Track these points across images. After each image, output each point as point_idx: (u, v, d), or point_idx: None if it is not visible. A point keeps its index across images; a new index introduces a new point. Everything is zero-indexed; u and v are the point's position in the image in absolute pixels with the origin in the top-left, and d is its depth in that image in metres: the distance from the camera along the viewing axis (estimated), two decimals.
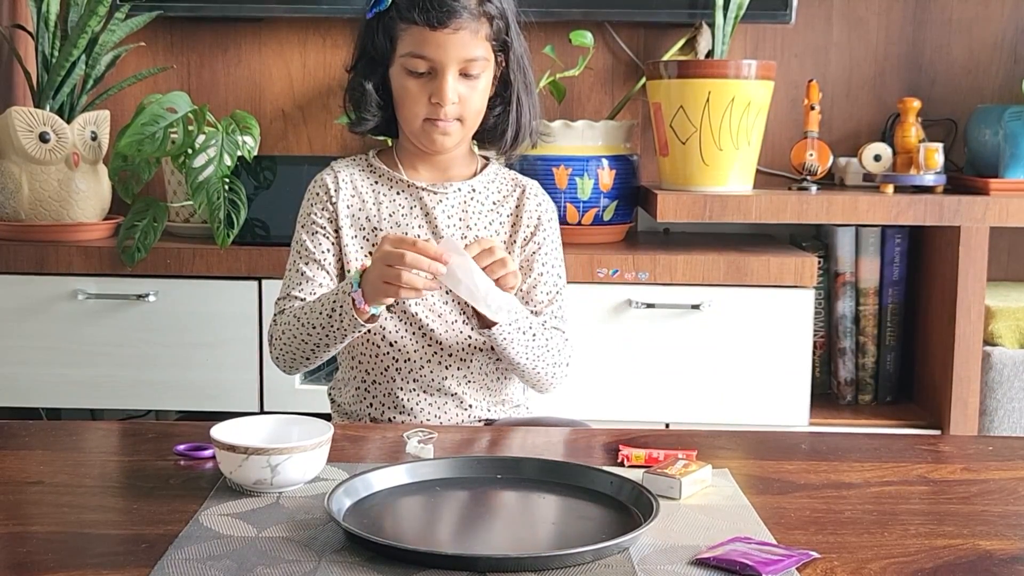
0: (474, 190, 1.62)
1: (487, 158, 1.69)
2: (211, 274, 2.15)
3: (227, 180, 2.11)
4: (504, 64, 1.58)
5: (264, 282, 2.15)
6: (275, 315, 1.59)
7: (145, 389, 2.18)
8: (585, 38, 2.34)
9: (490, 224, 1.60)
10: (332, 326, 1.47)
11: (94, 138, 2.27)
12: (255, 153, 2.26)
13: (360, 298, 1.42)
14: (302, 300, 1.56)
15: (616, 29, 2.55)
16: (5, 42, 2.44)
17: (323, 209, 1.59)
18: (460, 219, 1.59)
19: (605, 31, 2.54)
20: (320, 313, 1.48)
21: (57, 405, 2.22)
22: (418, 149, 1.60)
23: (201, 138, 2.12)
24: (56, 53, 2.23)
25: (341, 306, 1.45)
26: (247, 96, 2.60)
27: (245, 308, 2.15)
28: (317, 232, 1.59)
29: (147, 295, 2.14)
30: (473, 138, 1.64)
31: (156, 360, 2.17)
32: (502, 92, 1.60)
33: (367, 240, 1.59)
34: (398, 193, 1.60)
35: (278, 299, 1.60)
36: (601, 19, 2.49)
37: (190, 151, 2.11)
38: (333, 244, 1.59)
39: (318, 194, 1.61)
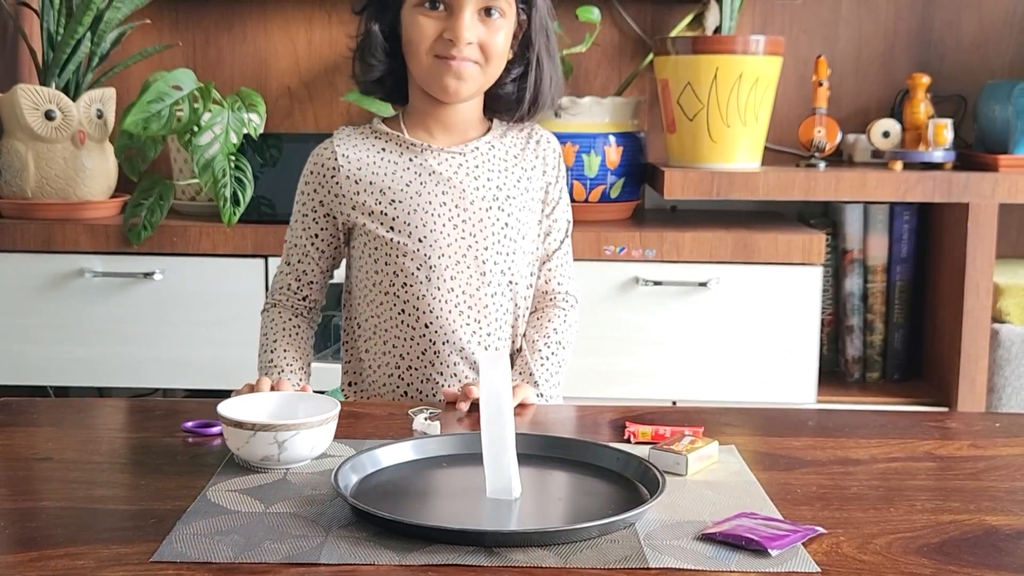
0: (492, 146, 1.51)
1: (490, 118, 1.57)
2: (217, 252, 2.15)
3: (233, 158, 2.11)
4: (527, 25, 1.47)
5: (270, 260, 2.15)
6: (266, 303, 1.58)
7: (152, 367, 2.18)
8: (592, 14, 2.33)
9: (519, 182, 1.51)
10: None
11: (100, 116, 2.27)
12: (261, 131, 2.25)
13: None
14: (279, 296, 1.56)
15: (623, 5, 2.53)
16: (10, 20, 2.43)
17: (315, 191, 1.51)
18: (488, 179, 1.49)
19: (612, 7, 2.52)
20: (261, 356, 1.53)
21: (65, 383, 2.23)
22: (429, 108, 1.48)
23: (207, 116, 2.12)
24: (61, 31, 2.23)
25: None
26: (253, 73, 2.59)
27: (251, 286, 2.15)
28: (310, 223, 1.53)
29: (153, 273, 2.15)
30: (486, 107, 1.53)
31: (163, 338, 2.17)
32: (522, 55, 1.48)
33: (384, 214, 1.47)
34: (411, 159, 1.48)
35: (271, 286, 1.58)
36: None
37: (196, 129, 2.11)
38: (324, 229, 1.52)
39: (313, 172, 1.52)
